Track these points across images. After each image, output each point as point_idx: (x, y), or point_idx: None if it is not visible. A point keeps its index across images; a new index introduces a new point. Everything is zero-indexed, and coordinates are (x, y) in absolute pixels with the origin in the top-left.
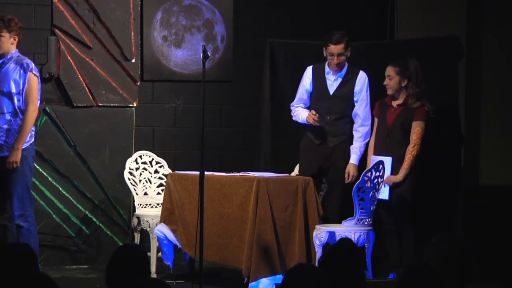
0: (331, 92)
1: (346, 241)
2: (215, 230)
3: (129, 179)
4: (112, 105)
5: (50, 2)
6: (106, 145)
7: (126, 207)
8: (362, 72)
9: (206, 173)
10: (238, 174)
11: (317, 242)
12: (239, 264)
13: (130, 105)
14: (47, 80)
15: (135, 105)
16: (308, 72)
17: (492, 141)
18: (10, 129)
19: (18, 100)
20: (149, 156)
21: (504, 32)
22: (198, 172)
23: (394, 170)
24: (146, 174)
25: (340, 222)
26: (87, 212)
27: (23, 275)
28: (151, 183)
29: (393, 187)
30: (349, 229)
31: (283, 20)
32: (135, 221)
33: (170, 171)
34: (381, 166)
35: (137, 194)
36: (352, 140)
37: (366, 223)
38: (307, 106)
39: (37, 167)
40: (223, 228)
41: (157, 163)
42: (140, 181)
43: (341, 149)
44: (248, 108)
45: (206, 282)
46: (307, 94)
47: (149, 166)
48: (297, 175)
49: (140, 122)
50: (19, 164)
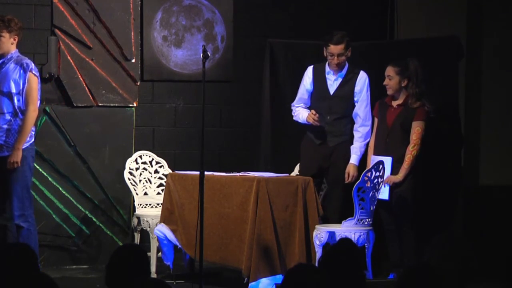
0: (331, 92)
1: (346, 241)
2: (215, 230)
3: (129, 179)
4: (112, 105)
5: (50, 2)
6: (106, 145)
7: (126, 207)
8: (362, 72)
9: (206, 173)
10: (238, 174)
11: (317, 242)
12: (239, 264)
13: (130, 105)
14: (47, 80)
15: (135, 105)
16: (308, 72)
17: (492, 141)
18: (10, 129)
19: (18, 100)
20: (149, 156)
21: (504, 32)
22: (198, 172)
23: (394, 170)
24: (146, 174)
25: (340, 222)
26: (87, 212)
27: (23, 275)
28: (151, 183)
29: (393, 187)
30: (349, 229)
31: (283, 20)
32: (135, 221)
33: (170, 171)
34: (381, 166)
35: (137, 194)
36: (352, 140)
37: (366, 223)
38: (308, 106)
39: (37, 167)
40: (223, 228)
41: (157, 163)
42: (140, 181)
43: (341, 149)
44: (248, 108)
45: (206, 282)
46: (308, 94)
47: (149, 166)
48: (297, 175)
49: (140, 122)
50: (20, 164)
